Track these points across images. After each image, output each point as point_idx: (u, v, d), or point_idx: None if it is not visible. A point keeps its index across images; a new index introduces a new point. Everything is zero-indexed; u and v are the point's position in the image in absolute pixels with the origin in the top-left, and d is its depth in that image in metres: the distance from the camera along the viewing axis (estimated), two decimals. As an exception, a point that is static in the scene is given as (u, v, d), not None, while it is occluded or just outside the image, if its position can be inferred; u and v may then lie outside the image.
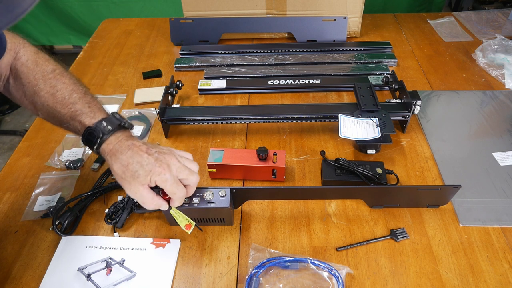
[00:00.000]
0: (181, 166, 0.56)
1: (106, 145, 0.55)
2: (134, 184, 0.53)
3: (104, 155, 0.56)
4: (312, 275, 0.60)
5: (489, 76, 1.03)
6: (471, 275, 0.60)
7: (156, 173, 0.53)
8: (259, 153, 0.72)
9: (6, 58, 0.57)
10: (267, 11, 1.16)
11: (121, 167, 0.53)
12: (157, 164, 0.53)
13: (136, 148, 0.54)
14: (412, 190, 0.68)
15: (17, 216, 0.71)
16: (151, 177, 0.53)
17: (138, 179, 0.53)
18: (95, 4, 2.06)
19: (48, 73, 0.59)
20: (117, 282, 0.61)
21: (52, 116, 0.59)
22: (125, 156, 0.54)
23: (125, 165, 0.53)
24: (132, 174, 0.53)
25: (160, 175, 0.53)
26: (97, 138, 0.55)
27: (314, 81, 0.99)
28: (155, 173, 0.53)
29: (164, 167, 0.54)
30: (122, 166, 0.53)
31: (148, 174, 0.53)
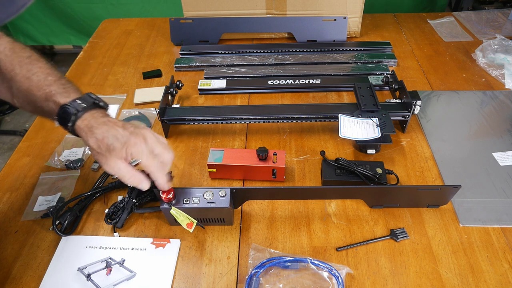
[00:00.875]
0: (157, 141, 0.56)
1: (81, 121, 0.55)
2: (110, 158, 0.53)
3: (79, 132, 0.55)
4: (312, 275, 0.60)
5: (489, 76, 1.03)
6: (471, 275, 0.60)
7: (131, 144, 0.53)
8: (259, 153, 0.72)
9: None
10: (267, 11, 1.16)
11: (97, 141, 0.53)
12: (133, 137, 0.54)
13: (111, 123, 0.54)
14: (412, 190, 0.68)
15: (17, 216, 0.71)
16: (127, 149, 0.53)
17: (114, 152, 0.53)
18: (94, 6, 2.06)
19: (24, 58, 0.59)
20: (117, 282, 0.61)
21: (27, 100, 0.58)
22: (100, 130, 0.53)
23: (100, 139, 0.53)
24: (108, 147, 0.53)
25: (135, 146, 0.53)
26: (72, 114, 0.54)
27: (314, 81, 0.99)
28: (130, 144, 0.53)
29: (140, 139, 0.54)
30: (98, 141, 0.53)
31: (124, 146, 0.53)
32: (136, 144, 0.53)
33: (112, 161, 0.53)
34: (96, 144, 0.53)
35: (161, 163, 0.57)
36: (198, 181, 0.77)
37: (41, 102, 0.57)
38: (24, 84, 0.57)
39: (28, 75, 0.57)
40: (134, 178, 0.56)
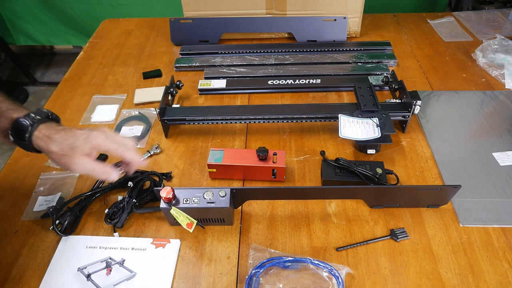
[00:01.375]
0: (114, 133, 0.59)
1: (38, 132, 0.55)
2: (75, 156, 0.55)
3: (37, 142, 0.55)
4: (312, 275, 0.60)
5: (489, 76, 1.03)
6: (471, 275, 0.60)
7: (92, 137, 0.55)
8: (259, 153, 0.72)
9: None
10: (267, 11, 1.16)
11: (58, 145, 0.54)
12: (92, 132, 0.56)
13: (68, 129, 0.56)
14: (412, 190, 0.68)
15: (17, 216, 0.71)
16: (90, 143, 0.55)
17: (77, 149, 0.54)
18: (93, 7, 2.06)
19: None
20: (117, 282, 0.61)
21: None
22: (60, 135, 0.55)
23: (61, 141, 0.54)
24: (70, 146, 0.54)
25: (97, 138, 0.56)
26: (28, 126, 0.55)
27: (314, 81, 0.99)
28: (91, 138, 0.55)
29: (99, 132, 0.57)
30: (59, 144, 0.54)
31: (85, 141, 0.55)
32: (97, 136, 0.56)
33: (78, 159, 0.55)
34: (58, 147, 0.54)
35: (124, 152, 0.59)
36: (198, 181, 0.77)
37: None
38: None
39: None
40: (103, 171, 0.57)
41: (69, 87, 1.04)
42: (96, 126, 0.91)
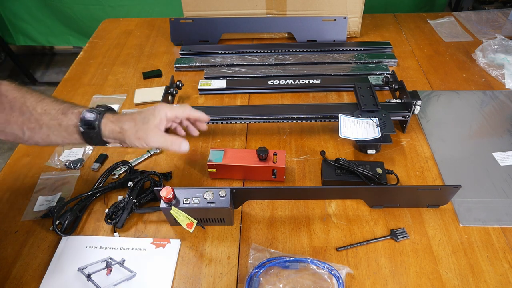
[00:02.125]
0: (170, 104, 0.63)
1: (106, 119, 0.59)
2: (149, 128, 0.60)
3: (109, 126, 0.59)
4: (312, 275, 0.60)
5: (489, 76, 1.03)
6: (471, 275, 0.60)
7: (157, 109, 0.62)
8: (259, 153, 0.72)
9: None
10: (267, 11, 1.16)
11: (130, 122, 0.60)
12: (155, 107, 0.63)
13: (129, 113, 0.62)
14: (412, 190, 0.68)
15: (17, 216, 0.71)
16: (158, 115, 0.61)
17: (149, 122, 0.60)
18: (92, 7, 2.06)
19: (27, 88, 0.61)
20: (117, 282, 0.61)
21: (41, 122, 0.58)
22: (127, 116, 0.61)
23: (132, 119, 0.60)
24: (143, 121, 0.60)
25: (162, 109, 0.62)
26: (96, 114, 0.59)
27: (314, 81, 0.99)
28: (156, 110, 0.61)
29: (161, 105, 0.63)
30: (131, 121, 0.60)
31: (154, 114, 0.61)
32: (162, 108, 0.62)
33: (152, 131, 0.60)
34: (131, 124, 0.60)
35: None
36: (198, 181, 0.77)
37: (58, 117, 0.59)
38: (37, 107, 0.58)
39: (40, 98, 0.59)
40: (174, 141, 0.62)
41: (69, 87, 1.04)
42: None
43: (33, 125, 0.58)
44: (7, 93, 0.58)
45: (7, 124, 0.57)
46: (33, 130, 0.58)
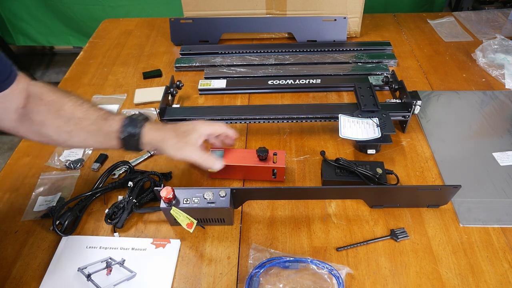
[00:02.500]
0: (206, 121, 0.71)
1: (147, 128, 0.62)
2: (189, 142, 0.64)
3: (151, 135, 0.62)
4: (312, 275, 0.60)
5: (489, 76, 1.03)
6: (471, 275, 0.60)
7: (198, 126, 0.66)
8: (259, 153, 0.72)
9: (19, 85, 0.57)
10: (267, 11, 1.16)
11: (172, 133, 0.64)
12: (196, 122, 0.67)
13: (169, 124, 0.66)
14: (412, 190, 0.68)
15: (17, 216, 0.71)
16: (198, 131, 0.65)
17: (190, 135, 0.64)
18: (93, 7, 2.06)
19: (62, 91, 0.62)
20: (117, 282, 0.61)
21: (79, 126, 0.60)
22: (168, 126, 0.65)
23: (174, 130, 0.64)
24: (184, 134, 0.64)
25: (202, 126, 0.66)
26: (140, 121, 0.62)
27: (314, 81, 0.99)
28: (197, 126, 0.66)
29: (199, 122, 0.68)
30: (173, 132, 0.64)
31: (194, 130, 0.65)
32: (202, 124, 0.67)
33: (191, 146, 0.64)
34: (173, 134, 0.63)
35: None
36: (198, 181, 0.77)
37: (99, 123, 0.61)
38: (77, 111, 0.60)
39: (79, 103, 0.61)
40: (210, 159, 0.66)
41: (69, 87, 1.04)
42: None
43: (71, 128, 0.59)
44: (43, 96, 0.59)
45: (42, 126, 0.58)
46: (70, 134, 0.59)
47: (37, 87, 0.59)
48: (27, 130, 0.59)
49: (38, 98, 0.58)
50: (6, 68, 0.55)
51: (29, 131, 0.59)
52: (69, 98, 0.60)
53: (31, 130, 0.59)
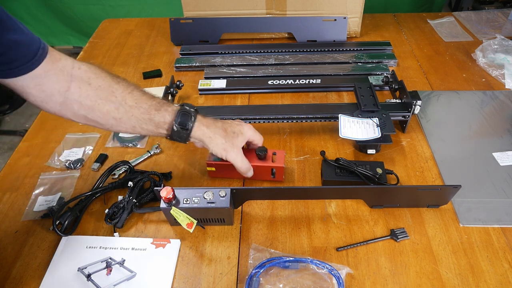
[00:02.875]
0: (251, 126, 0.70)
1: (199, 122, 0.63)
2: (235, 144, 0.66)
3: (201, 130, 0.63)
4: (312, 275, 0.60)
5: (489, 76, 1.03)
6: (471, 275, 0.60)
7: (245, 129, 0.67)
8: (258, 152, 0.71)
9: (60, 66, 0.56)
10: (267, 11, 1.16)
11: (221, 132, 0.65)
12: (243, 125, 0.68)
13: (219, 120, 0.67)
14: (412, 190, 0.68)
15: (17, 216, 0.71)
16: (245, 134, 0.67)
17: (237, 137, 0.66)
18: (93, 7, 2.06)
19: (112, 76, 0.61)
20: (117, 282, 0.61)
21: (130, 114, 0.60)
22: (219, 124, 0.65)
23: (223, 129, 0.65)
24: (233, 135, 0.65)
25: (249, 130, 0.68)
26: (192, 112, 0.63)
27: (314, 81, 0.99)
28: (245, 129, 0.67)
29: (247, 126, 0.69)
30: (222, 131, 0.65)
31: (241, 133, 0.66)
32: (249, 129, 0.68)
33: (236, 148, 0.65)
34: (224, 132, 0.65)
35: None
36: (198, 181, 0.77)
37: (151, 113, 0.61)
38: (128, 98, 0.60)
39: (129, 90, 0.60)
40: (248, 166, 0.69)
41: (69, 87, 1.04)
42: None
43: (121, 115, 0.59)
44: (91, 81, 0.58)
45: (91, 111, 0.58)
46: (119, 120, 0.60)
47: (83, 71, 0.58)
48: (74, 114, 0.59)
49: (86, 83, 0.57)
50: (32, 44, 0.53)
51: (76, 115, 0.59)
52: (118, 85, 0.59)
53: (79, 115, 0.59)
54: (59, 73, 0.55)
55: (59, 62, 0.56)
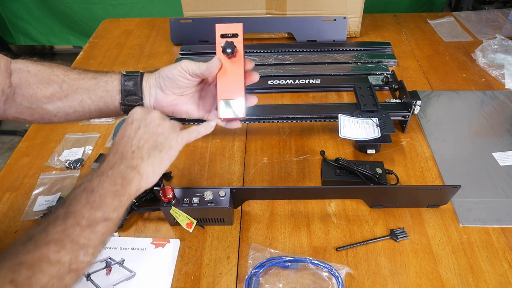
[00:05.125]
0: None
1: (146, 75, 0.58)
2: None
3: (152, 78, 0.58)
4: (312, 275, 0.60)
5: (489, 76, 1.03)
6: (471, 275, 0.60)
7: None
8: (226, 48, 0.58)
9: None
10: (267, 11, 1.16)
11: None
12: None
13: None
14: (412, 190, 0.68)
15: (17, 216, 0.71)
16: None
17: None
18: (94, 6, 2.06)
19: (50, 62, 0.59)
20: (116, 282, 0.61)
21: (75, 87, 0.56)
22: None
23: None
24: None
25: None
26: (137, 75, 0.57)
27: (314, 81, 0.99)
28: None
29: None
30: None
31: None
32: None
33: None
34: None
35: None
36: (198, 181, 0.77)
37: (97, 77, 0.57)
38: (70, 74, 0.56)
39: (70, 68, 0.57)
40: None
41: (69, 87, 1.04)
42: (95, 126, 0.91)
43: (66, 92, 0.55)
44: (29, 68, 0.55)
45: (34, 99, 0.54)
46: (65, 99, 0.55)
47: (21, 62, 0.55)
48: (18, 110, 0.55)
49: (25, 71, 0.54)
50: None
51: (20, 110, 0.55)
52: (58, 66, 0.57)
53: (23, 108, 0.55)
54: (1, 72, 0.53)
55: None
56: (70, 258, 0.40)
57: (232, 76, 0.57)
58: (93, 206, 0.43)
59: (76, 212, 0.42)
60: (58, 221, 0.41)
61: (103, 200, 0.44)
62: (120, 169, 0.47)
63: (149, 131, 0.50)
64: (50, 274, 0.38)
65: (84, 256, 0.41)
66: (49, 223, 0.41)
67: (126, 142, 0.49)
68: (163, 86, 0.57)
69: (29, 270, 0.37)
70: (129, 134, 0.50)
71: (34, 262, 0.37)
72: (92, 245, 0.42)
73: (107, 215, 0.44)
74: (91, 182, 0.45)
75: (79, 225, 0.42)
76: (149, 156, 0.49)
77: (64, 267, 0.39)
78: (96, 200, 0.44)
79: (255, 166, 0.79)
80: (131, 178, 0.47)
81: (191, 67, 0.57)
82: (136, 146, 0.49)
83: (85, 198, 0.44)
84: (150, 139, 0.50)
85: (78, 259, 0.41)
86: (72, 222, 0.41)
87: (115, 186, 0.45)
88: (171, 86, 0.57)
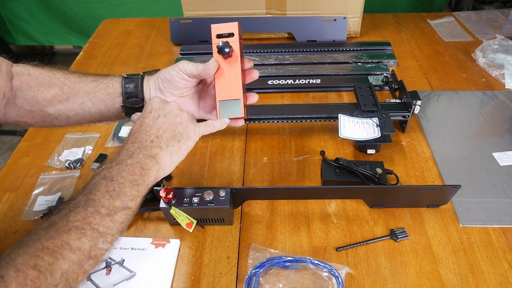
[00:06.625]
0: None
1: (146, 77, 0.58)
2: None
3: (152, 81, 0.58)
4: (312, 275, 0.60)
5: (489, 76, 1.03)
6: (471, 275, 0.60)
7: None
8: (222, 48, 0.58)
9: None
10: (267, 11, 1.16)
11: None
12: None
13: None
14: (412, 190, 0.68)
15: (17, 216, 0.71)
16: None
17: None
18: (94, 6, 2.06)
19: (51, 66, 0.59)
20: (116, 282, 0.61)
21: (76, 89, 0.56)
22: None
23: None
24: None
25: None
26: (138, 77, 0.58)
27: (314, 81, 0.99)
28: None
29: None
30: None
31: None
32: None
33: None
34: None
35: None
36: (198, 181, 0.77)
37: (97, 80, 0.57)
38: (71, 77, 0.57)
39: (71, 72, 0.58)
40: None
41: (69, 87, 1.04)
42: (95, 126, 0.91)
43: (67, 95, 0.55)
44: (30, 72, 0.55)
45: (35, 102, 0.55)
46: (66, 102, 0.55)
47: (21, 66, 0.56)
48: (19, 114, 0.55)
49: (26, 74, 0.55)
50: None
51: (21, 113, 0.55)
52: (59, 70, 0.57)
53: (24, 111, 0.55)
54: (1, 76, 0.53)
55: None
56: (90, 245, 0.41)
57: (230, 76, 0.57)
58: (112, 195, 0.44)
59: (95, 201, 0.43)
60: (79, 209, 0.42)
61: (122, 189, 0.45)
62: (139, 158, 0.47)
63: (168, 121, 0.51)
64: (71, 260, 0.39)
65: (103, 244, 0.43)
66: (70, 210, 0.42)
67: (145, 131, 0.50)
68: (162, 88, 0.58)
69: (51, 256, 0.38)
70: (147, 123, 0.50)
71: (56, 249, 0.38)
72: (111, 233, 0.43)
73: (125, 204, 0.45)
74: (110, 170, 0.46)
75: (98, 213, 0.42)
76: (168, 145, 0.49)
77: (84, 254, 0.40)
78: (115, 189, 0.44)
79: (255, 166, 0.79)
80: (149, 167, 0.47)
81: (189, 67, 0.57)
82: (155, 135, 0.49)
83: (104, 187, 0.44)
84: (169, 129, 0.50)
85: (97, 246, 0.42)
86: (92, 211, 0.42)
87: (133, 176, 0.46)
88: (169, 88, 0.58)
